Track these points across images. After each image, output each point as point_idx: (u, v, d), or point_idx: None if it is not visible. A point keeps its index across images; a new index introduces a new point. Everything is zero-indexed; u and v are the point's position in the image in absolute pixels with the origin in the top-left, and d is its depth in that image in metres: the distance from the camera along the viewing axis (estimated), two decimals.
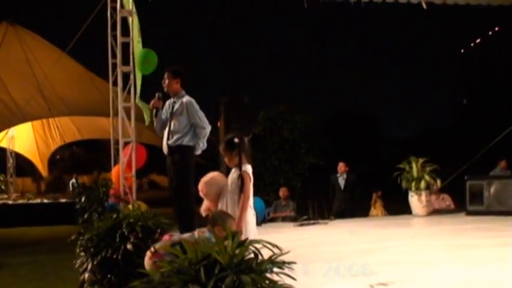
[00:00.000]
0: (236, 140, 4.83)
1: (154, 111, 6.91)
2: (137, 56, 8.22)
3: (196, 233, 4.32)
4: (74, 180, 22.55)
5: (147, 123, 7.89)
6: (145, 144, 9.88)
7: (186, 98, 6.69)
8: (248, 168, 4.77)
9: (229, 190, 4.71)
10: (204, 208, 4.89)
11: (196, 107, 6.66)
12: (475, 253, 6.11)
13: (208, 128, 6.72)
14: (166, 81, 6.75)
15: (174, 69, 6.81)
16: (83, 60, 18.79)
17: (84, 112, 18.09)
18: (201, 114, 6.66)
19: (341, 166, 11.81)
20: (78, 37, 10.61)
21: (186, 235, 4.44)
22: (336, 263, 5.24)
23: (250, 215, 4.72)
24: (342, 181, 11.64)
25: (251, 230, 4.66)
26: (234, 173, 4.75)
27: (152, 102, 6.92)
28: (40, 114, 17.52)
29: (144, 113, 8.23)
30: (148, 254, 4.31)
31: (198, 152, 6.78)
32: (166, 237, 5.36)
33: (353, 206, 11.62)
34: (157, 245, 4.34)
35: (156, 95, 6.91)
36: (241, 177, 4.66)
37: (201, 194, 4.87)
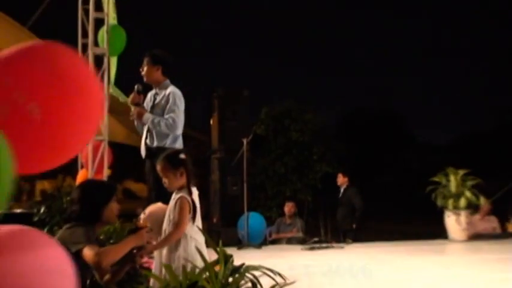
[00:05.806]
0: (182, 155, 4.73)
1: (133, 108, 6.80)
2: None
3: None
4: None
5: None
6: (118, 144, 9.78)
7: (171, 89, 6.61)
8: (192, 192, 4.63)
9: (168, 220, 4.61)
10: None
11: (179, 102, 6.55)
12: None
13: (175, 133, 6.54)
14: (145, 68, 6.69)
15: (153, 53, 6.72)
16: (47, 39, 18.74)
17: None
18: (180, 113, 6.52)
19: (338, 177, 12.07)
20: (42, 11, 10.50)
21: None
22: None
23: (198, 244, 4.50)
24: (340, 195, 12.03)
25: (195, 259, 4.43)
26: (173, 200, 4.65)
27: (131, 97, 6.82)
28: None
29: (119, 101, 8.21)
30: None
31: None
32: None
33: (349, 225, 11.67)
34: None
35: (135, 87, 6.80)
36: (179, 204, 4.53)
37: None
